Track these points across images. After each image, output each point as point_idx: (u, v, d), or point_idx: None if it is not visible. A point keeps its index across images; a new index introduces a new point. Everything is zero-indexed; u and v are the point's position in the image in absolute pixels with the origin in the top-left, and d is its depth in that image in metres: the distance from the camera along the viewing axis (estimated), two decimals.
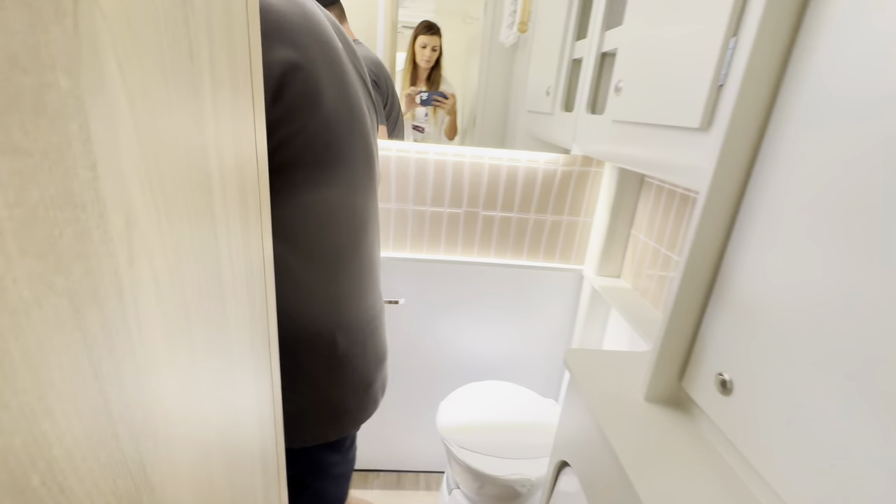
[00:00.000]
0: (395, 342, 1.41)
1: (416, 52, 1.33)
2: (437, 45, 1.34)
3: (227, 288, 0.35)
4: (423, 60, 1.34)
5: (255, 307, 0.42)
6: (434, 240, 1.33)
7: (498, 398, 1.30)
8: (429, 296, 1.36)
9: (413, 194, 1.28)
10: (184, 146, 0.27)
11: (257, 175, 0.41)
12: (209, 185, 0.31)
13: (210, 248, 0.32)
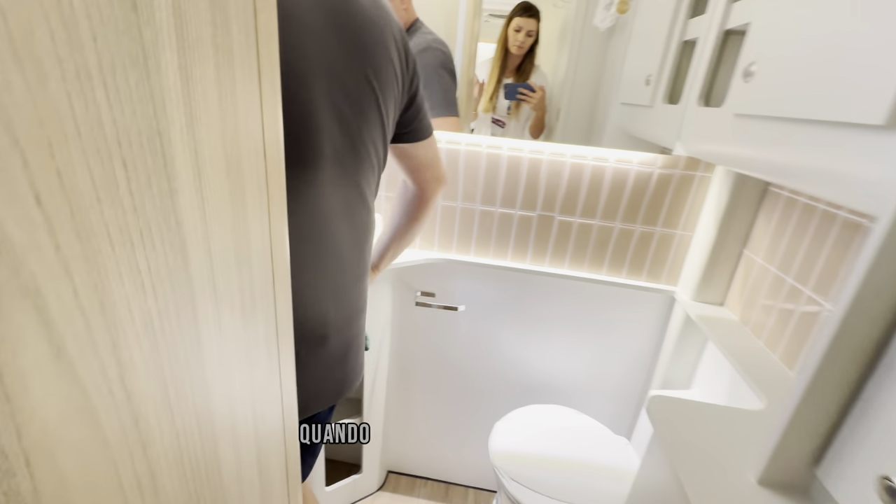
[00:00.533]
0: (452, 349, 1.32)
1: (508, 37, 1.19)
2: (534, 30, 1.19)
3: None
4: (515, 47, 1.19)
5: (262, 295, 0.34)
6: (501, 244, 1.21)
7: (561, 427, 1.15)
8: (492, 304, 1.25)
9: (482, 193, 1.17)
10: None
11: (265, 161, 0.33)
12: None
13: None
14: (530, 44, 1.18)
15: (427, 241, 1.24)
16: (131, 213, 0.21)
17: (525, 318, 1.24)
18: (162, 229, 0.24)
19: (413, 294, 1.27)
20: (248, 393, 0.35)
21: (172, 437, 0.27)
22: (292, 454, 0.45)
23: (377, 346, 1.26)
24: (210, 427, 0.30)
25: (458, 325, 1.28)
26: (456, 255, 1.23)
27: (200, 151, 0.26)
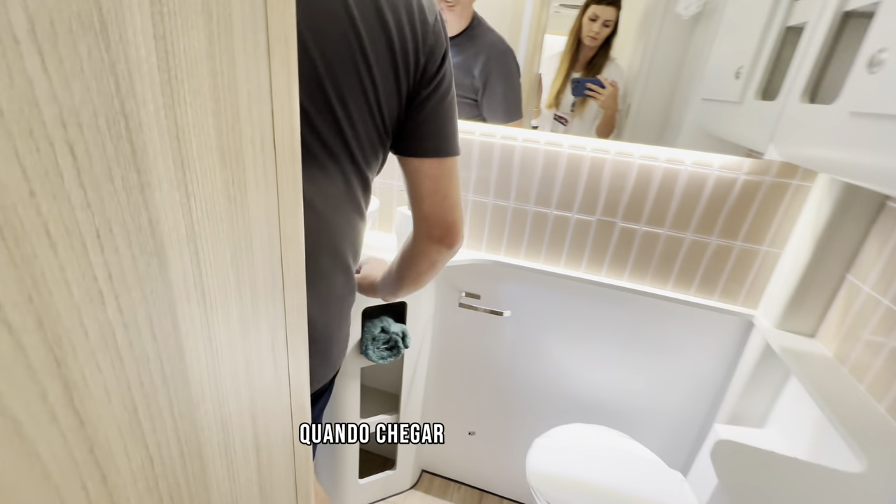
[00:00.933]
0: (495, 354, 1.26)
1: (582, 27, 1.08)
2: (612, 20, 1.07)
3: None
4: (589, 38, 1.07)
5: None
6: (554, 249, 1.12)
7: (608, 452, 1.05)
8: (540, 312, 1.17)
9: (536, 193, 1.09)
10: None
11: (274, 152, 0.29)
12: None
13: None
14: (606, 35, 1.07)
15: (475, 240, 1.18)
16: (82, 211, 0.18)
17: (576, 330, 1.15)
18: (128, 229, 0.20)
19: (457, 294, 1.22)
20: (246, 407, 0.32)
21: (143, 464, 0.24)
22: (303, 472, 0.42)
23: (417, 344, 1.23)
24: (196, 449, 0.27)
25: (502, 331, 1.22)
26: (505, 258, 1.16)
27: (185, 139, 0.22)
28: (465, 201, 1.15)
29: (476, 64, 1.03)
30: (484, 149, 1.09)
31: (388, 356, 1.14)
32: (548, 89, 1.09)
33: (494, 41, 1.04)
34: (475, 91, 1.06)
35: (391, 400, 1.37)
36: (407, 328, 1.15)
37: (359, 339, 1.12)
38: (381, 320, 1.14)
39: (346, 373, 1.14)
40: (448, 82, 0.62)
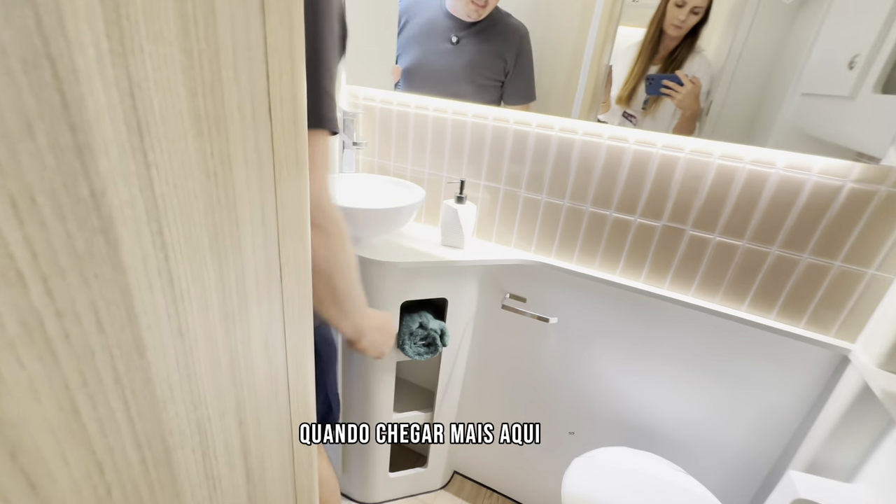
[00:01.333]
0: (538, 362, 1.18)
1: (665, 14, 0.96)
2: (702, 6, 0.93)
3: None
4: (673, 26, 0.94)
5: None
6: (611, 255, 1.02)
7: (656, 483, 0.94)
8: (591, 322, 1.07)
9: (594, 192, 0.99)
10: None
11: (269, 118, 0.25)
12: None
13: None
14: (693, 23, 0.94)
15: (524, 240, 1.11)
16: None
17: (630, 345, 1.05)
18: (59, 200, 0.17)
19: (501, 295, 1.16)
20: (231, 409, 0.29)
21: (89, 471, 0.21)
22: (305, 477, 0.39)
23: (456, 343, 1.18)
24: (162, 454, 0.24)
25: (546, 338, 1.14)
26: (555, 260, 1.08)
27: (142, 96, 0.18)
28: (517, 197, 1.08)
29: (508, 47, 1.01)
30: (540, 141, 1.01)
31: (425, 353, 1.10)
32: (620, 83, 0.98)
33: (517, 24, 1.00)
34: (505, 73, 1.03)
35: (426, 396, 1.34)
36: (446, 326, 1.11)
37: (396, 332, 1.10)
38: (420, 315, 1.10)
39: (381, 366, 1.12)
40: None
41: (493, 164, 1.08)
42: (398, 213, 0.97)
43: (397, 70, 1.11)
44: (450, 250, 1.07)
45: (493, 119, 1.04)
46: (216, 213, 0.23)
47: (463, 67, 1.06)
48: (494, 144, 1.05)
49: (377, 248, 1.03)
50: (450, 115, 1.08)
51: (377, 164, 1.21)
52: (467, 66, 1.06)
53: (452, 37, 1.04)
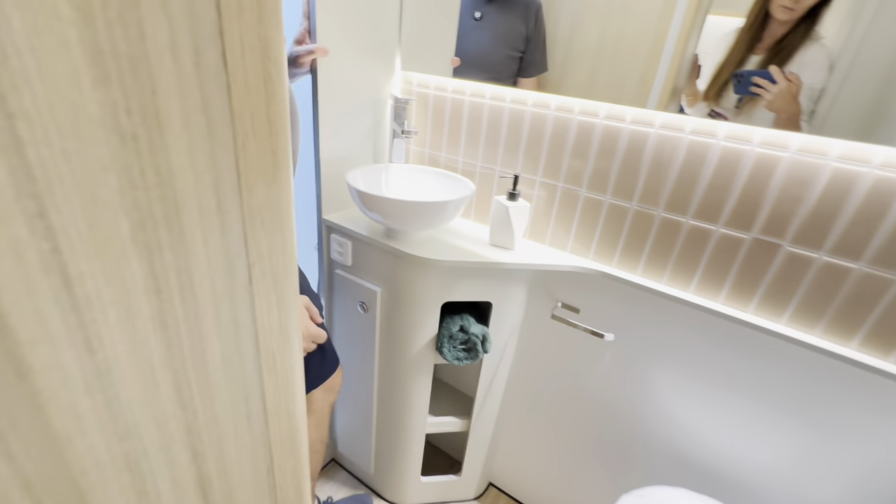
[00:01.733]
0: (588, 380, 1.06)
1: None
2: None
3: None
4: (782, 8, 0.76)
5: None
6: (684, 268, 0.88)
7: None
8: (653, 343, 0.94)
9: (669, 194, 0.86)
10: None
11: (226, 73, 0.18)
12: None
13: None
14: (810, 5, 0.76)
15: (581, 244, 0.99)
16: None
17: (698, 373, 0.90)
18: None
19: (552, 304, 1.05)
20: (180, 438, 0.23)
21: None
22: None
23: (499, 350, 1.09)
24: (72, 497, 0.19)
25: (600, 355, 1.02)
26: (616, 270, 0.96)
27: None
28: (576, 196, 0.97)
29: (529, 14, 0.97)
30: (608, 135, 0.89)
31: (465, 358, 1.03)
32: (708, 76, 0.83)
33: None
34: (526, 41, 0.98)
35: (465, 402, 1.27)
36: (489, 331, 1.03)
37: (435, 333, 1.03)
38: (461, 318, 1.03)
39: (418, 367, 1.06)
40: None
41: (553, 159, 0.97)
42: (443, 207, 0.90)
43: (456, 60, 1.04)
44: (498, 251, 0.98)
45: (555, 109, 0.93)
46: (140, 193, 0.17)
47: (490, 42, 1.02)
48: (555, 136, 0.95)
49: (420, 243, 0.97)
50: (507, 104, 0.99)
51: (428, 154, 1.15)
52: (493, 39, 1.01)
53: (476, 13, 1.02)
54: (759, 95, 0.77)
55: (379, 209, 0.89)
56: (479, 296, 1.00)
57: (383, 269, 1.00)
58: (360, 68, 0.99)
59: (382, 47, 1.03)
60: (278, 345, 0.27)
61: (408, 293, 0.98)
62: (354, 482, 1.34)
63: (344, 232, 1.02)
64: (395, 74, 1.09)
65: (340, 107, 0.98)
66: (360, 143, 1.07)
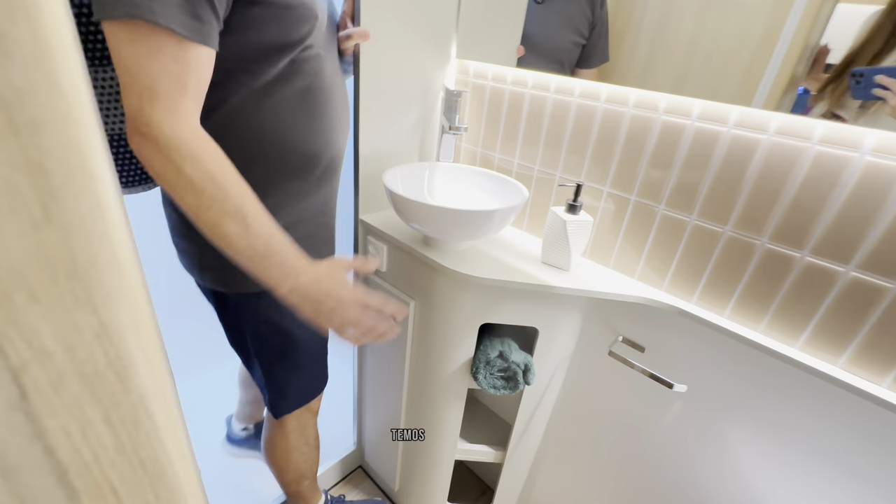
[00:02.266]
0: (649, 436, 0.89)
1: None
2: None
3: None
4: None
5: None
6: (792, 316, 0.69)
7: None
8: (740, 403, 0.75)
9: (780, 221, 0.67)
10: None
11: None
12: None
13: None
14: None
15: (656, 272, 0.82)
16: None
17: (793, 447, 0.70)
18: None
19: (611, 337, 0.89)
20: None
21: None
22: None
23: (542, 383, 0.95)
24: None
25: (667, 405, 0.84)
26: (697, 308, 0.78)
27: None
28: (653, 213, 0.80)
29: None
30: (700, 139, 0.71)
31: (503, 387, 0.90)
32: (832, 72, 0.61)
33: None
34: (591, 26, 0.82)
35: (502, 429, 1.14)
36: (532, 360, 0.89)
37: (471, 356, 0.92)
38: (501, 342, 0.91)
39: (451, 390, 0.96)
40: None
41: (626, 167, 0.81)
42: (489, 217, 0.78)
43: (521, 49, 0.90)
44: (550, 271, 0.84)
45: (633, 106, 0.77)
46: None
47: (556, 26, 0.86)
48: (631, 139, 0.78)
49: (460, 254, 0.85)
50: (575, 99, 0.84)
51: (480, 154, 1.03)
52: (559, 23, 0.85)
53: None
54: (880, 99, 0.56)
55: (415, 215, 0.79)
56: (523, 320, 0.87)
57: (418, 280, 0.90)
58: (409, 55, 0.89)
59: (437, 32, 0.92)
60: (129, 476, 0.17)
61: (442, 309, 0.87)
62: (379, 495, 1.27)
63: (380, 235, 0.93)
64: (450, 63, 0.98)
65: (384, 98, 0.89)
66: (406, 139, 0.97)
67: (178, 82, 0.47)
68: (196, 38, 0.47)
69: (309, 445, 0.96)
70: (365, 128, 0.88)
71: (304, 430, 0.93)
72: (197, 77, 0.49)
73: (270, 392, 0.82)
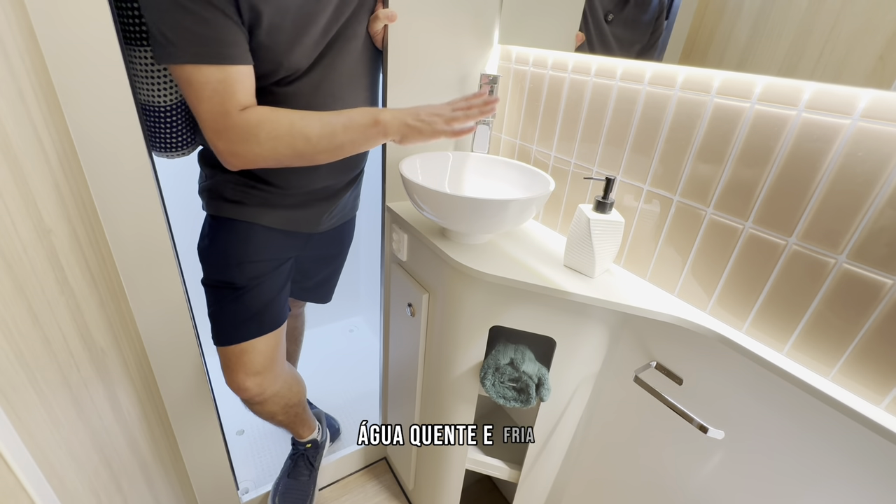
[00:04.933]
0: (681, 482, 0.74)
1: None
2: None
3: None
4: None
5: None
6: (876, 362, 0.51)
7: None
8: (798, 461, 0.58)
9: (862, 235, 0.50)
10: None
11: None
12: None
13: None
14: None
15: (701, 287, 0.68)
16: None
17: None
18: None
19: (642, 359, 0.76)
20: None
21: None
22: None
23: (561, 402, 0.85)
24: None
25: (706, 452, 0.69)
26: (748, 338, 0.62)
27: None
28: (698, 217, 0.66)
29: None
30: (759, 124, 0.57)
31: (513, 399, 0.83)
32: None
33: None
34: (662, 8, 0.67)
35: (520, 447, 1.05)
36: (547, 375, 0.80)
37: (480, 360, 0.85)
38: (515, 350, 0.83)
39: (460, 394, 0.90)
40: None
41: (669, 160, 0.68)
42: (504, 208, 0.71)
43: (580, 36, 0.81)
44: (572, 276, 0.75)
45: (680, 88, 0.65)
46: None
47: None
48: (676, 127, 0.66)
49: (475, 249, 0.80)
50: (616, 82, 0.73)
51: (518, 147, 0.95)
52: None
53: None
54: None
55: (427, 202, 0.76)
56: (536, 327, 0.78)
57: (432, 272, 0.86)
58: (444, 39, 0.86)
59: (477, 14, 0.88)
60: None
61: (452, 306, 0.82)
62: (397, 489, 1.26)
63: (401, 224, 0.92)
64: (493, 48, 0.93)
65: (416, 84, 0.87)
66: None
67: (224, 99, 0.60)
68: (231, 61, 0.60)
69: (293, 378, 1.01)
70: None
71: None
72: (242, 90, 0.61)
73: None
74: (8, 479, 0.23)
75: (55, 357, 0.36)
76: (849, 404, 0.51)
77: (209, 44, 0.58)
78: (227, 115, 0.61)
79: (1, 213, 0.32)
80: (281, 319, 0.88)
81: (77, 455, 0.39)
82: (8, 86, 0.41)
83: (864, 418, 0.50)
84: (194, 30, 0.56)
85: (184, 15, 0.56)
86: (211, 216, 0.83)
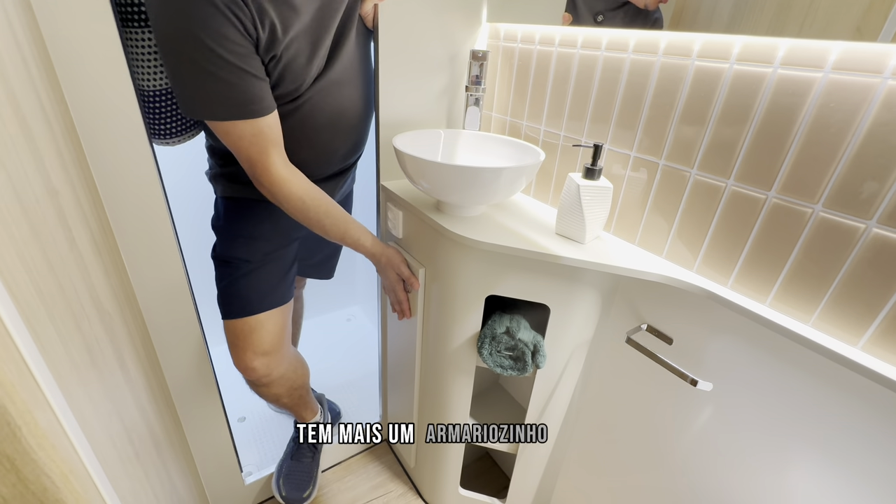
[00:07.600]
0: (672, 440, 0.77)
1: None
2: None
3: None
4: None
5: None
6: (853, 306, 0.54)
7: None
8: (781, 407, 0.61)
9: (836, 183, 0.53)
10: None
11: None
12: None
13: None
14: None
15: (687, 248, 0.70)
16: None
17: (861, 470, 0.55)
18: None
19: (635, 324, 0.79)
20: None
21: None
22: None
23: (557, 369, 0.88)
24: None
25: (694, 407, 0.72)
26: (733, 293, 0.65)
27: None
28: (683, 178, 0.68)
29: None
30: (738, 83, 0.59)
31: (510, 367, 0.85)
32: None
33: None
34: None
35: (518, 418, 1.07)
36: (543, 342, 0.83)
37: (478, 331, 0.87)
38: (511, 319, 0.85)
39: (458, 366, 0.92)
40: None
41: (654, 126, 0.71)
42: (496, 176, 0.73)
43: (567, 17, 0.83)
44: (563, 242, 0.77)
45: (663, 53, 0.67)
46: None
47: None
48: (660, 92, 0.68)
49: (468, 220, 0.82)
50: (602, 52, 0.75)
51: (508, 123, 0.98)
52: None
53: None
54: None
55: (423, 174, 0.78)
56: (532, 295, 0.80)
57: (427, 245, 0.88)
58: (433, 19, 0.88)
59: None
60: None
61: (448, 277, 0.84)
62: (398, 469, 1.28)
63: (397, 201, 0.93)
64: (481, 27, 0.95)
65: (407, 63, 0.89)
66: (432, 106, 0.96)
67: (260, 148, 0.68)
68: (259, 114, 0.66)
69: (297, 360, 1.03)
70: (385, 93, 0.89)
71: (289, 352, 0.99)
72: (272, 134, 0.68)
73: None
74: (37, 395, 0.25)
75: (69, 305, 0.38)
76: (829, 346, 0.54)
77: (241, 104, 0.64)
78: (267, 171, 0.70)
79: (15, 163, 0.33)
80: (289, 296, 0.91)
81: (94, 399, 0.41)
82: (13, 54, 0.42)
83: (843, 358, 0.53)
84: (227, 94, 0.62)
85: (215, 83, 0.61)
86: (225, 198, 0.87)
